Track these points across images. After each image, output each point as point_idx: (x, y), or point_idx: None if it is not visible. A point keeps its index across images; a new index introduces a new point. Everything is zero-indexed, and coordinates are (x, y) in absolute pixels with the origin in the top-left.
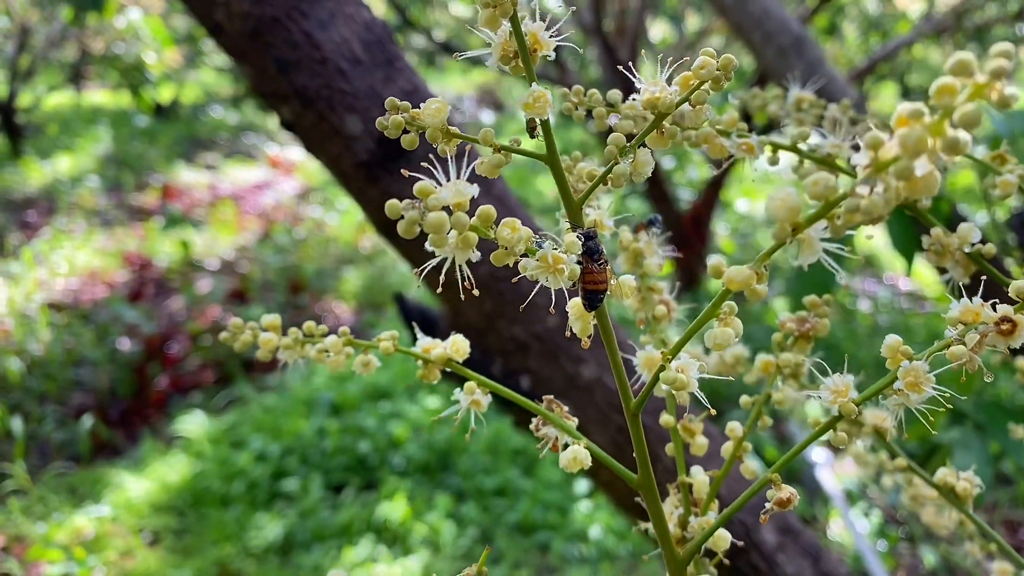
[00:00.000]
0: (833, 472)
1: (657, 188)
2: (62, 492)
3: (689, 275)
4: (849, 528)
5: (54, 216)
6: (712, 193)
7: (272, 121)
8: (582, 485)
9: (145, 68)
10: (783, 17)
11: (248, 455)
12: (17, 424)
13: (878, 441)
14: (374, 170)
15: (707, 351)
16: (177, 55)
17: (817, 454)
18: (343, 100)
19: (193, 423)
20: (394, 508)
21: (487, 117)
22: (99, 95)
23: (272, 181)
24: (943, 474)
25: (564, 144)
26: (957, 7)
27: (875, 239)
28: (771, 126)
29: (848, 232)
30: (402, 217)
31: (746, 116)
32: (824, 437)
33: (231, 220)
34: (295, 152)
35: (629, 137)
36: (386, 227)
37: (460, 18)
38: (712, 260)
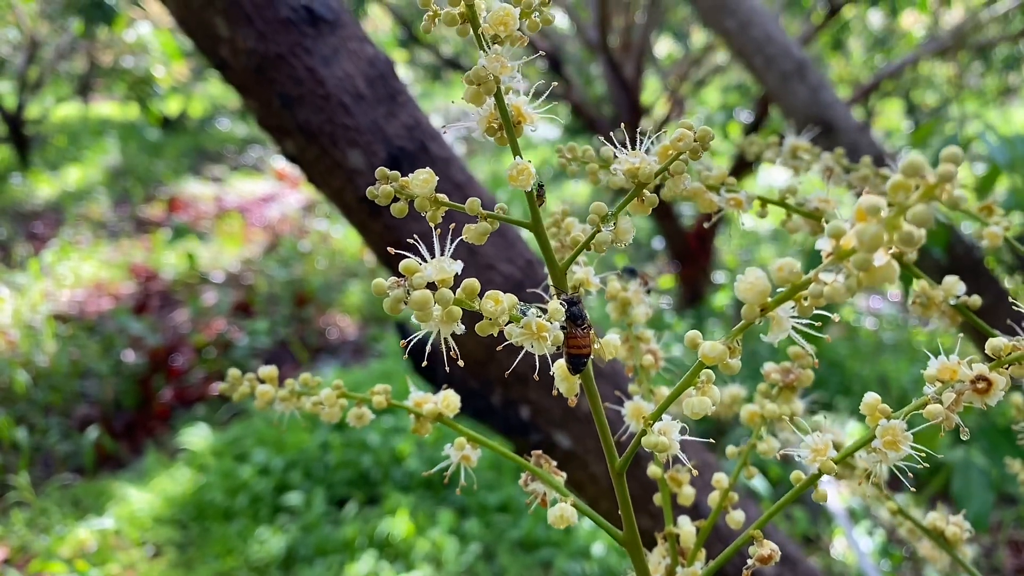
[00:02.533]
0: (836, 490)
1: (661, 204)
2: (65, 504)
3: (693, 291)
4: (852, 547)
5: (61, 228)
6: (716, 209)
7: None
8: None
9: (153, 81)
10: (785, 42)
11: (251, 468)
12: (21, 435)
13: (870, 484)
14: (376, 204)
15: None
16: (185, 68)
17: None
18: (346, 135)
19: (197, 436)
20: (396, 523)
21: None
22: (107, 107)
23: (278, 194)
24: (933, 518)
25: None
26: (959, 27)
27: None
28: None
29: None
30: (387, 295)
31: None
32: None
33: (237, 232)
34: None
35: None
36: (388, 259)
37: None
38: (689, 334)
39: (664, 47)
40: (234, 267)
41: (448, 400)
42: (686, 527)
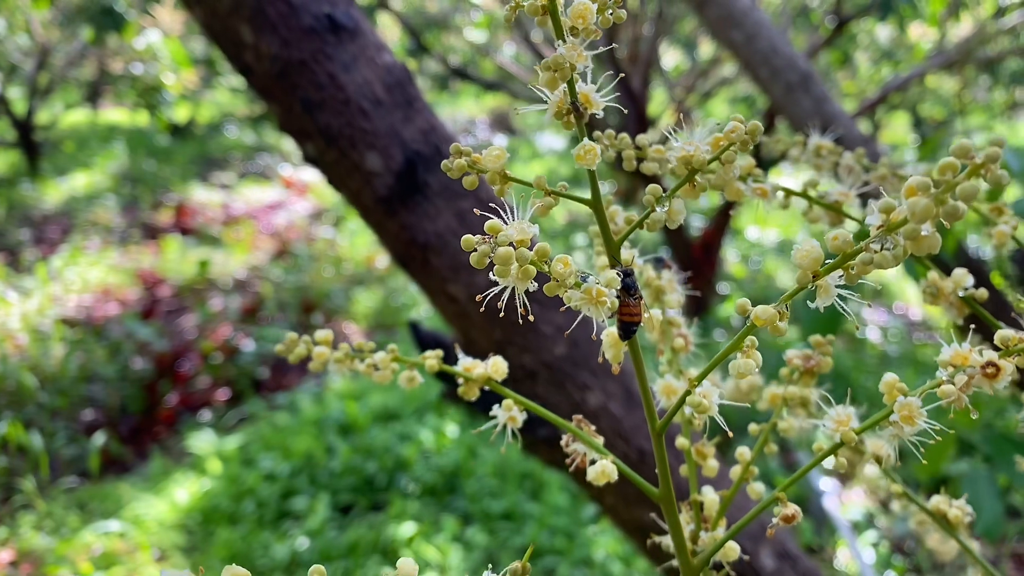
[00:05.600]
0: (840, 502)
1: None
2: (71, 508)
3: (698, 301)
4: (856, 558)
5: (70, 233)
6: (722, 220)
7: (286, 143)
8: (589, 510)
9: (163, 88)
10: (790, 54)
11: (257, 474)
12: (36, 440)
13: (879, 468)
14: (392, 204)
15: (724, 378)
16: (194, 76)
17: (825, 483)
18: (364, 138)
19: (203, 441)
20: (401, 530)
21: (499, 141)
22: (116, 114)
23: (285, 201)
24: (936, 501)
25: (577, 170)
26: (966, 41)
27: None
28: (778, 156)
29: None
30: (475, 249)
31: (755, 147)
32: (831, 466)
33: (245, 239)
34: (308, 173)
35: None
36: (403, 258)
37: (474, 44)
38: (739, 300)
39: (671, 59)
40: (241, 273)
41: (497, 365)
42: (710, 495)
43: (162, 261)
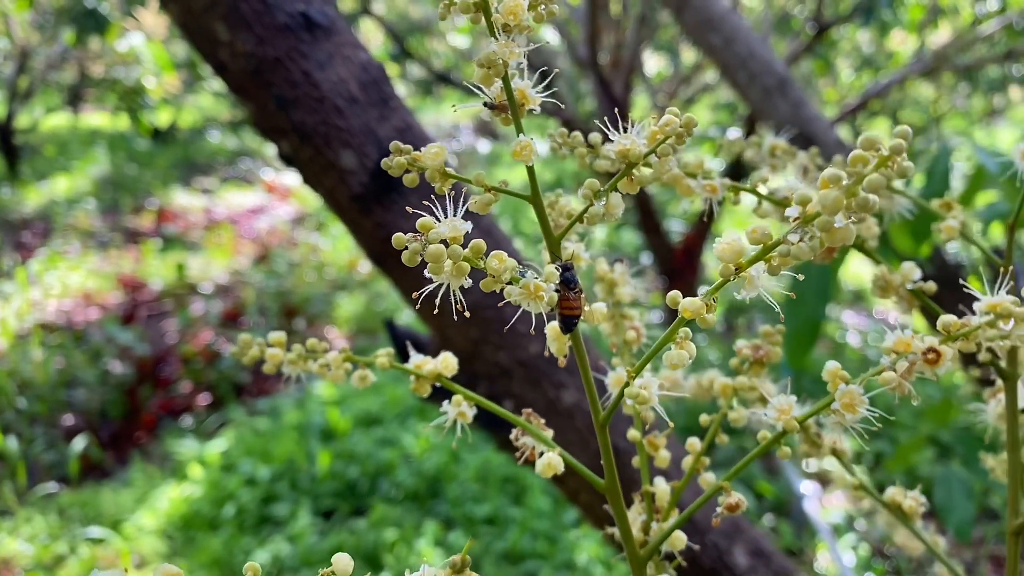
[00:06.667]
0: (820, 505)
1: (649, 220)
2: (50, 514)
3: None
4: (836, 561)
5: (50, 237)
6: (704, 225)
7: (269, 147)
8: (571, 514)
9: (144, 92)
10: (768, 59)
11: (238, 479)
12: (11, 445)
13: (839, 461)
14: (367, 202)
15: (686, 376)
16: (176, 80)
17: (805, 486)
18: (339, 136)
19: (183, 446)
20: (383, 535)
21: (483, 146)
22: (97, 118)
23: (268, 206)
24: (892, 493)
25: (559, 174)
26: (943, 49)
27: (865, 274)
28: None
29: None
30: (406, 248)
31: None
32: (816, 469)
33: (226, 244)
34: (291, 178)
35: (608, 177)
36: (378, 257)
37: (457, 49)
38: (670, 293)
39: (653, 65)
40: (223, 278)
41: (447, 361)
42: (661, 486)
43: (143, 266)
